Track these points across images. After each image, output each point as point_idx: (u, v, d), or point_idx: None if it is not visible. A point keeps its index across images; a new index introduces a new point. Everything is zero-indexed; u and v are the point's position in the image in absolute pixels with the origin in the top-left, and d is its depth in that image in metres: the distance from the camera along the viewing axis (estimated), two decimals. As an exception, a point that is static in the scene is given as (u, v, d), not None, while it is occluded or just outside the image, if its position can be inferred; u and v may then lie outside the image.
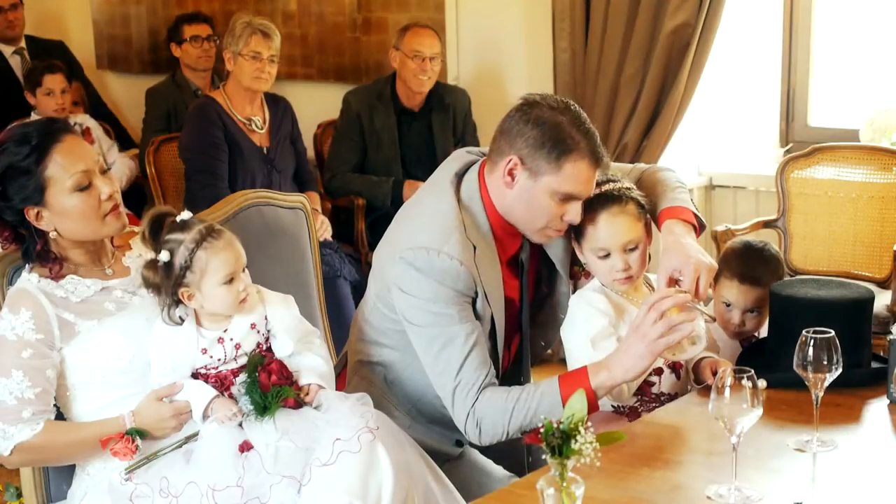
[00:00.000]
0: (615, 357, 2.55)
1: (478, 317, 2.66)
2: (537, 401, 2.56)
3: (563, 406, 2.45)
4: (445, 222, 2.64)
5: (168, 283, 2.52)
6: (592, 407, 2.51)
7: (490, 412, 2.59)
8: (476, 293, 2.64)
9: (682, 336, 2.50)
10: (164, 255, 2.51)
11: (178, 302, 2.55)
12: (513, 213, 2.67)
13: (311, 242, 3.21)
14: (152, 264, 2.53)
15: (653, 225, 2.80)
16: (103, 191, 2.57)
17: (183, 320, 2.57)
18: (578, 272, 2.88)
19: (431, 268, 2.59)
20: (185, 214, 2.57)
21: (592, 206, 2.69)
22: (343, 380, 2.94)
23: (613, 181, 2.75)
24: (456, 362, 2.60)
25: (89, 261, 2.65)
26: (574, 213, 2.63)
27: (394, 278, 2.65)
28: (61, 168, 2.53)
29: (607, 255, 2.71)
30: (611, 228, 2.69)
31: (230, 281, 2.53)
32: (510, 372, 2.94)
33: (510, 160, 2.60)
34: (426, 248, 2.60)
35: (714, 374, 2.65)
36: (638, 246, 2.72)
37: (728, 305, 3.01)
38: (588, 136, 2.59)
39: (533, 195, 2.61)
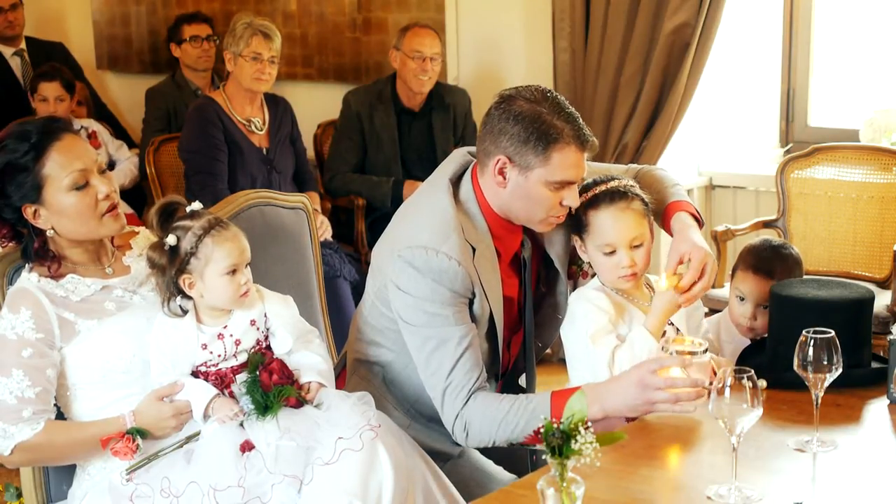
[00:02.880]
0: (612, 395, 2.52)
1: (475, 318, 2.66)
2: (527, 417, 2.55)
3: None
4: (444, 223, 2.64)
5: (172, 268, 2.53)
6: None
7: (478, 418, 2.59)
8: (473, 294, 2.65)
9: (682, 408, 2.47)
10: (171, 239, 2.53)
11: (179, 292, 2.56)
12: (512, 210, 2.68)
13: (312, 242, 3.22)
14: (158, 245, 2.54)
15: (654, 225, 2.81)
16: (100, 190, 2.57)
17: (184, 311, 2.57)
18: (576, 272, 2.88)
19: (429, 267, 2.59)
20: (196, 205, 2.59)
21: (599, 202, 2.71)
22: (343, 380, 2.94)
23: (618, 179, 2.76)
24: (448, 364, 2.60)
25: (88, 260, 2.65)
26: (572, 197, 2.64)
27: (391, 275, 2.66)
28: (58, 166, 2.53)
29: (613, 252, 2.71)
30: (618, 224, 2.70)
31: (233, 272, 2.54)
32: (511, 373, 2.94)
33: (498, 160, 2.61)
34: (425, 248, 2.60)
35: (715, 373, 2.65)
36: (643, 243, 2.73)
37: (742, 300, 3.04)
38: (570, 121, 2.59)
39: (527, 190, 2.62)
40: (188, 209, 2.58)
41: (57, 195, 2.54)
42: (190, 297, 2.58)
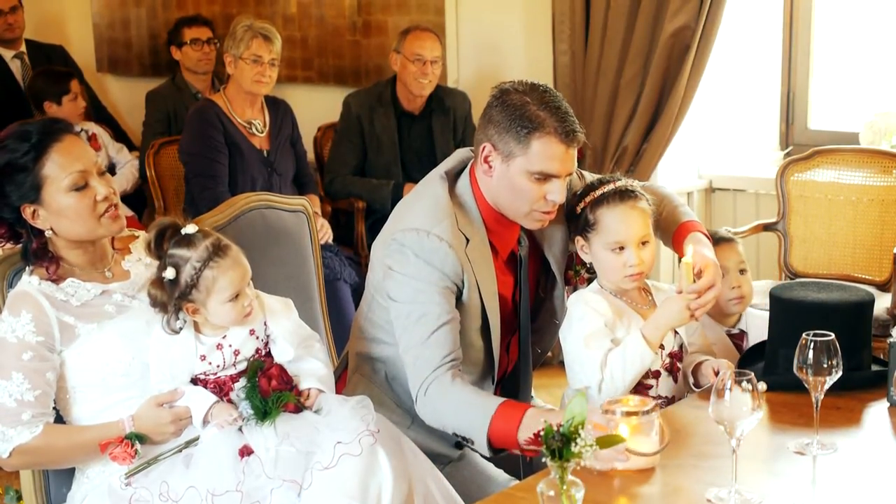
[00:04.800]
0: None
1: (462, 306, 2.67)
2: (472, 416, 2.53)
3: (487, 435, 2.47)
4: (438, 209, 2.68)
5: (171, 299, 2.51)
6: (512, 445, 2.50)
7: (437, 398, 2.58)
8: (463, 282, 2.66)
9: (592, 464, 2.27)
10: (169, 273, 2.50)
11: (179, 311, 2.54)
12: (499, 201, 2.70)
13: (312, 245, 3.22)
14: (159, 282, 2.52)
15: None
16: (99, 192, 2.57)
17: (181, 329, 2.56)
18: (573, 277, 2.88)
19: (421, 247, 2.63)
20: (191, 228, 2.54)
21: (608, 200, 2.72)
22: (343, 381, 2.95)
23: (623, 179, 2.79)
24: (422, 336, 2.60)
25: (88, 263, 2.64)
26: (555, 191, 2.64)
27: (385, 259, 2.69)
28: (58, 167, 2.53)
29: (621, 249, 2.71)
30: (628, 221, 2.71)
31: (235, 297, 2.52)
32: (511, 376, 2.94)
33: (484, 147, 2.65)
34: (416, 230, 2.64)
35: (716, 374, 2.66)
36: (649, 242, 2.74)
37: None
38: (555, 113, 2.60)
39: (510, 179, 2.64)
40: (183, 232, 2.53)
41: (56, 196, 2.54)
42: None
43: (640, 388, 2.72)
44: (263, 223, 3.10)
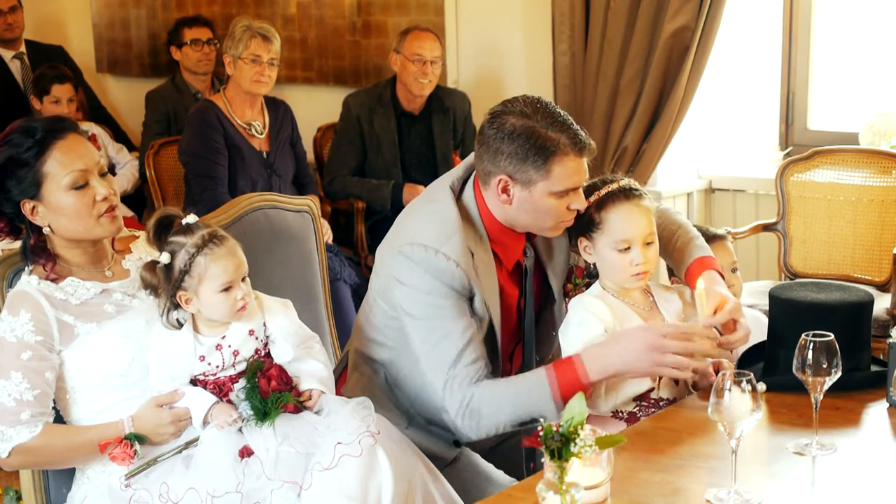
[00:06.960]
0: (613, 357, 2.56)
1: (476, 316, 2.67)
2: (530, 398, 2.56)
3: (553, 399, 2.52)
4: (447, 224, 2.66)
5: (167, 286, 2.52)
6: (585, 389, 2.54)
7: (483, 408, 2.59)
8: (473, 293, 2.66)
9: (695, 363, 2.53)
10: (164, 258, 2.51)
11: (176, 305, 2.55)
12: (519, 222, 2.70)
13: (317, 246, 3.21)
14: (151, 266, 2.53)
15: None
16: (99, 192, 2.57)
17: (181, 324, 2.56)
18: (572, 290, 2.88)
19: (428, 264, 2.62)
20: (191, 218, 2.56)
21: (613, 200, 2.72)
22: (344, 380, 2.95)
23: (624, 178, 2.79)
24: (451, 356, 2.60)
25: (87, 262, 2.65)
26: (578, 201, 2.66)
27: (392, 270, 2.68)
28: (59, 165, 2.54)
29: (627, 249, 2.71)
30: (634, 220, 2.71)
31: (228, 289, 2.52)
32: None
33: (500, 180, 2.63)
34: (424, 246, 2.63)
35: (716, 372, 2.66)
36: (654, 241, 2.74)
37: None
38: (564, 130, 2.60)
39: (533, 203, 2.63)
40: (183, 222, 2.55)
41: (55, 193, 2.55)
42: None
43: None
44: (267, 223, 3.10)
